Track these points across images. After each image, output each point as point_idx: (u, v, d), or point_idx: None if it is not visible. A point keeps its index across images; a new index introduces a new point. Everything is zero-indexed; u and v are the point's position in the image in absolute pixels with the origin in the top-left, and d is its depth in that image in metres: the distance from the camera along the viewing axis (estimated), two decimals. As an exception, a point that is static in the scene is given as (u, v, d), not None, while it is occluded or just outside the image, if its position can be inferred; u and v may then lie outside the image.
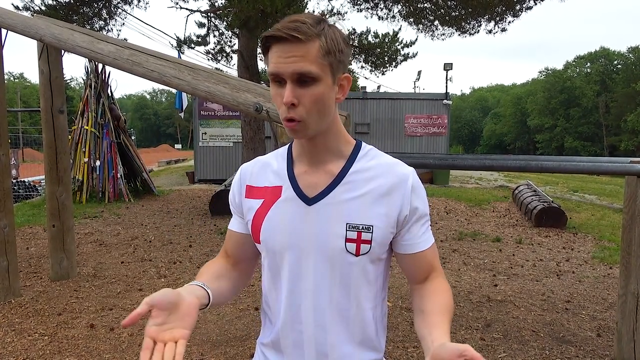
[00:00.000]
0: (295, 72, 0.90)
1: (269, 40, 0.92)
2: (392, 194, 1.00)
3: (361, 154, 1.04)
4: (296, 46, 0.90)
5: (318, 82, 0.92)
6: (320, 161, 1.02)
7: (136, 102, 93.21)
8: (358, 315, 1.02)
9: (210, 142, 14.40)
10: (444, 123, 15.17)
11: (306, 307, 1.01)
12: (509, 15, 9.06)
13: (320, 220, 0.99)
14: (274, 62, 0.91)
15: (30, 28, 3.85)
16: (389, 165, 1.04)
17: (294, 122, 0.93)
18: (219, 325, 3.63)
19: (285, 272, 1.02)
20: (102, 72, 9.86)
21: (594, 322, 3.81)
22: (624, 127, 46.13)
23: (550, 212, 7.89)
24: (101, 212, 8.55)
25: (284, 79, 0.92)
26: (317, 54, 0.91)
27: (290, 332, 1.03)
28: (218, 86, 3.03)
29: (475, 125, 76.70)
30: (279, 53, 0.91)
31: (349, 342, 1.03)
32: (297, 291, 1.01)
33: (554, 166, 2.83)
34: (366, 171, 1.02)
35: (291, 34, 0.89)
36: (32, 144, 27.00)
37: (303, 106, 0.92)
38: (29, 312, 3.86)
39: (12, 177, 11.20)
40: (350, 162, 1.02)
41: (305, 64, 0.90)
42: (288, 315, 1.03)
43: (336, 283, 1.00)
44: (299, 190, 1.02)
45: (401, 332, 3.53)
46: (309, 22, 0.91)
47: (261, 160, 1.12)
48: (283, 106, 0.92)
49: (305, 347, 1.02)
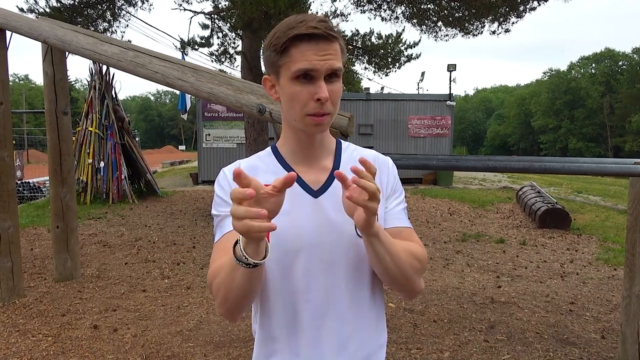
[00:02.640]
0: (330, 68, 0.94)
1: (297, 38, 0.93)
2: (380, 172, 1.07)
3: (344, 148, 1.11)
4: (329, 44, 0.94)
5: (339, 78, 0.98)
6: (315, 157, 1.06)
7: (140, 104, 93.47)
8: (372, 298, 1.05)
9: (214, 144, 14.42)
10: (448, 124, 15.14)
11: (324, 301, 1.00)
12: (513, 16, 9.03)
13: (329, 209, 1.01)
14: (308, 59, 0.93)
15: (34, 30, 3.87)
16: (370, 155, 1.12)
17: (326, 116, 0.97)
18: (222, 326, 3.64)
19: (300, 269, 1.00)
20: (106, 73, 9.90)
21: (598, 324, 3.79)
22: (628, 128, 45.90)
23: (554, 213, 7.86)
24: (105, 213, 8.58)
25: (314, 76, 0.94)
26: (340, 51, 0.97)
27: (308, 331, 1.01)
28: (221, 87, 3.04)
29: (478, 126, 76.51)
30: (312, 50, 0.93)
31: (367, 329, 1.04)
32: (314, 286, 1.00)
33: (558, 167, 2.82)
34: (353, 162, 1.05)
35: (328, 32, 0.93)
36: (36, 145, 27.14)
37: (330, 101, 0.96)
38: (33, 313, 3.87)
39: (17, 178, 11.24)
40: (338, 155, 1.09)
41: (336, 61, 0.95)
42: (306, 314, 1.00)
43: (350, 269, 1.01)
44: (304, 184, 1.03)
45: (404, 333, 3.52)
46: (331, 21, 0.96)
47: (246, 161, 1.10)
48: (311, 102, 0.95)
49: (324, 343, 1.00)
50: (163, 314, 3.90)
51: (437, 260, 5.82)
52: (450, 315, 3.93)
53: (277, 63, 0.97)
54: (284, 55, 0.95)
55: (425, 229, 7.76)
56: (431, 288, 4.64)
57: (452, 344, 3.36)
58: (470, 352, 3.24)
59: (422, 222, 8.35)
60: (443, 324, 3.74)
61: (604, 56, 54.74)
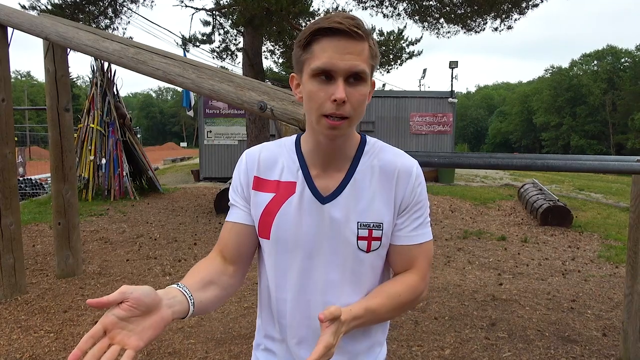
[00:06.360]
0: (351, 70, 0.88)
1: (320, 32, 0.88)
2: (397, 186, 1.01)
3: (366, 151, 1.04)
4: (353, 43, 0.88)
5: (365, 82, 0.91)
6: (332, 161, 1.01)
7: (142, 101, 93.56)
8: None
9: (216, 141, 14.42)
10: (449, 121, 15.11)
11: (316, 303, 1.01)
12: (515, 13, 9.00)
13: (334, 219, 0.99)
14: (327, 57, 0.88)
15: (36, 27, 3.87)
16: (393, 159, 1.04)
17: (342, 120, 0.91)
18: (224, 322, 3.64)
19: (295, 269, 1.01)
20: (108, 70, 9.90)
21: (600, 322, 3.79)
22: (631, 125, 45.77)
23: (556, 210, 7.85)
24: (107, 209, 8.59)
25: (332, 75, 0.89)
26: (368, 54, 0.91)
27: (298, 329, 1.03)
28: (222, 84, 3.03)
29: (480, 123, 76.41)
30: (334, 48, 0.87)
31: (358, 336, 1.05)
32: (307, 288, 1.01)
33: (561, 165, 2.81)
34: (371, 169, 1.02)
35: (354, 29, 0.87)
36: (38, 142, 27.18)
37: (350, 104, 0.90)
38: (35, 309, 3.88)
39: (19, 175, 11.27)
40: (356, 161, 1.02)
41: (360, 62, 0.89)
42: (297, 312, 1.02)
43: (347, 279, 1.01)
44: (315, 189, 1.00)
45: (405, 330, 3.52)
46: (361, 21, 0.89)
47: (268, 149, 1.07)
48: (328, 102, 0.89)
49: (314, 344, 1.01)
50: (165, 310, 3.91)
51: (438, 257, 5.82)
52: (451, 312, 3.93)
53: (300, 59, 0.94)
54: (306, 50, 0.91)
55: (427, 226, 7.76)
56: (432, 285, 4.64)
57: (453, 341, 3.37)
58: (471, 350, 3.24)
59: (423, 220, 8.34)
60: (444, 321, 3.74)
61: (606, 53, 54.56)
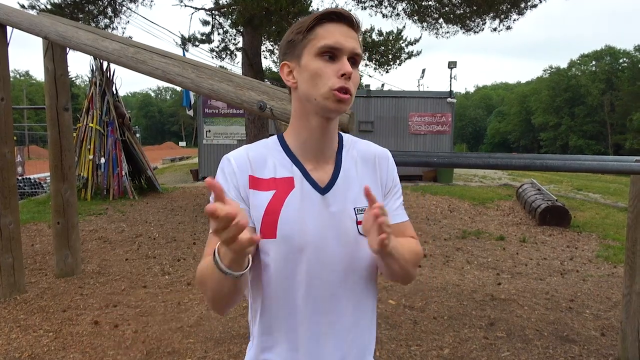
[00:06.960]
0: (353, 51, 0.98)
1: (325, 17, 0.97)
2: (379, 171, 1.10)
3: (345, 144, 1.11)
4: (353, 30, 1.00)
5: (357, 67, 1.01)
6: (323, 152, 1.06)
7: (141, 100, 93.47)
8: (369, 292, 1.07)
9: (215, 140, 14.42)
10: (448, 121, 15.12)
11: (325, 296, 1.01)
12: (514, 13, 9.01)
13: (335, 207, 1.02)
14: (335, 37, 0.97)
15: (35, 26, 3.86)
16: (367, 147, 1.13)
17: (348, 95, 0.98)
18: (223, 322, 3.65)
19: (303, 264, 1.00)
20: (107, 69, 9.89)
21: (598, 322, 3.80)
22: (629, 125, 45.84)
23: (555, 210, 7.87)
24: (106, 209, 8.59)
25: (337, 55, 0.97)
26: (360, 44, 1.01)
27: (308, 326, 1.01)
28: (222, 84, 3.03)
29: (479, 123, 76.49)
30: (340, 30, 0.98)
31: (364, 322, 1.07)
32: (317, 283, 1.00)
33: (559, 165, 2.82)
34: (353, 159, 1.09)
35: (354, 19, 1.00)
36: (37, 142, 27.14)
37: (352, 82, 0.98)
38: (33, 309, 3.88)
39: (18, 174, 11.25)
40: (340, 153, 1.09)
41: (359, 47, 1.00)
42: (307, 310, 1.01)
43: (351, 266, 1.02)
44: (313, 181, 1.03)
45: (404, 330, 3.53)
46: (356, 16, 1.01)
47: (254, 150, 1.07)
48: (333, 78, 0.96)
49: (323, 339, 1.02)
50: (163, 310, 3.91)
51: (437, 257, 5.83)
52: (450, 312, 3.94)
53: (300, 44, 1.00)
54: (309, 34, 0.98)
55: (425, 226, 7.77)
56: (431, 285, 4.65)
57: (452, 340, 3.37)
58: (470, 349, 3.25)
59: (422, 219, 8.36)
60: (443, 320, 3.75)
61: (604, 53, 54.64)
